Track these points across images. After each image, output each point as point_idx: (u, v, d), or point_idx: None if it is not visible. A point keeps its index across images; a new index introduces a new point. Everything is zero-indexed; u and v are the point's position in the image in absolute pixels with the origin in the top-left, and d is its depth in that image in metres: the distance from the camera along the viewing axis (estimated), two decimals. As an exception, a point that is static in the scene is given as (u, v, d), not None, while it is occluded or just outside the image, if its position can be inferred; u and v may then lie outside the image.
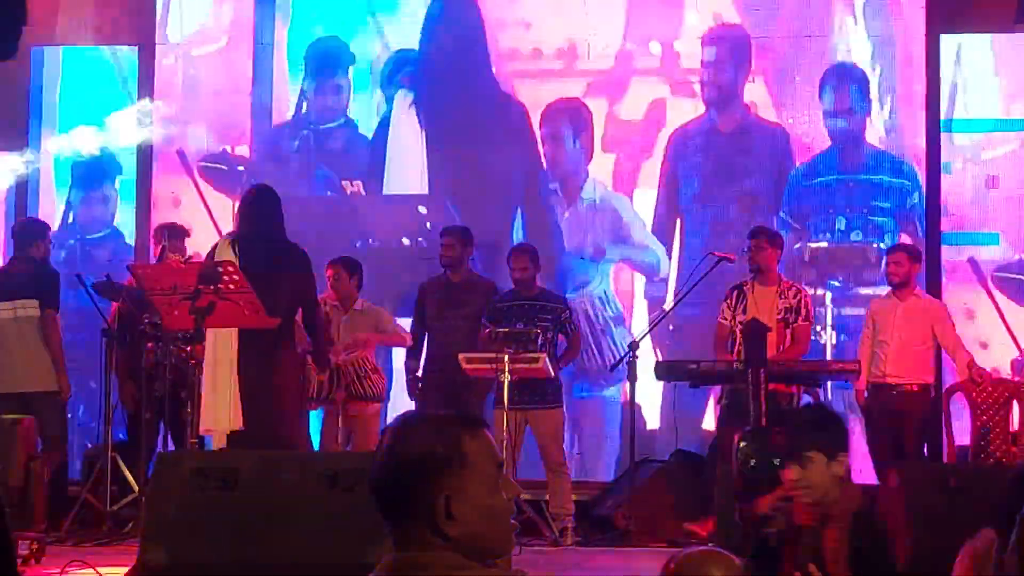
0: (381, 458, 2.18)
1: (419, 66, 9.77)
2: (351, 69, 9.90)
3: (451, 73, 9.76)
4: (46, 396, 7.91)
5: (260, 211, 7.09)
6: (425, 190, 9.68)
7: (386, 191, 9.77)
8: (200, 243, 9.52)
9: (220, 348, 6.78)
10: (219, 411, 6.67)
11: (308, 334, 7.27)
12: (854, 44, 9.42)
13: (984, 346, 8.87)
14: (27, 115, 9.92)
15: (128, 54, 9.97)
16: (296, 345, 7.19)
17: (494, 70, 9.68)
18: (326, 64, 9.93)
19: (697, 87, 9.55)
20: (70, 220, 9.91)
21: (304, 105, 9.91)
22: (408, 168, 9.74)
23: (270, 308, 6.67)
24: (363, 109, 9.90)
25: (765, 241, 8.05)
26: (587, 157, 9.59)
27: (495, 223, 9.36)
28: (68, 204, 9.92)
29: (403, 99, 9.77)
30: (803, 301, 8.03)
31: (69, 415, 8.57)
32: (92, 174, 9.92)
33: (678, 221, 9.47)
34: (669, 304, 8.79)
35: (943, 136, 9.21)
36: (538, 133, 9.60)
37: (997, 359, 8.88)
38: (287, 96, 9.94)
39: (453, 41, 9.79)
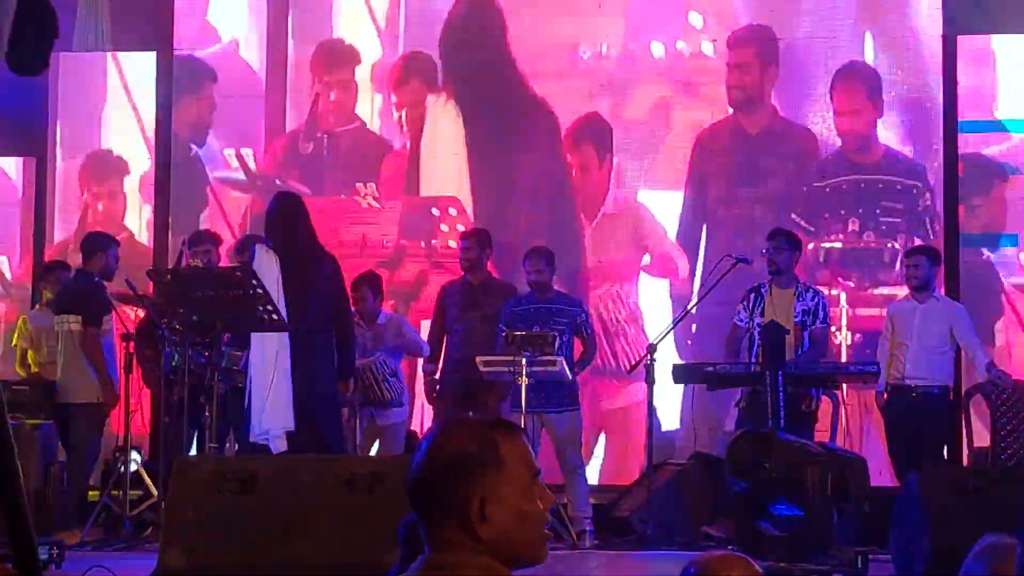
0: (418, 458, 2.21)
1: (443, 68, 9.77)
2: (363, 71, 9.91)
3: (476, 76, 9.75)
4: (84, 407, 7.99)
5: (287, 222, 7.12)
6: (451, 193, 9.66)
7: (411, 193, 9.75)
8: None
9: (269, 351, 6.87)
10: (278, 412, 6.77)
11: (337, 341, 7.29)
12: (868, 43, 9.40)
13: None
14: (43, 121, 9.96)
15: (144, 60, 10.00)
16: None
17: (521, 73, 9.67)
18: (339, 66, 9.94)
19: (702, 88, 9.53)
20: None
21: (317, 108, 9.92)
22: (436, 172, 9.73)
23: (302, 317, 6.75)
24: (376, 111, 9.90)
25: (784, 242, 8.04)
26: (610, 170, 9.57)
27: (519, 227, 9.34)
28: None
29: (434, 102, 9.77)
30: (821, 303, 8.01)
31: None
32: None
33: (704, 223, 9.45)
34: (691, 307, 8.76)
35: (960, 137, 9.17)
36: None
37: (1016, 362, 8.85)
38: (301, 99, 9.95)
39: (476, 43, 9.77)
